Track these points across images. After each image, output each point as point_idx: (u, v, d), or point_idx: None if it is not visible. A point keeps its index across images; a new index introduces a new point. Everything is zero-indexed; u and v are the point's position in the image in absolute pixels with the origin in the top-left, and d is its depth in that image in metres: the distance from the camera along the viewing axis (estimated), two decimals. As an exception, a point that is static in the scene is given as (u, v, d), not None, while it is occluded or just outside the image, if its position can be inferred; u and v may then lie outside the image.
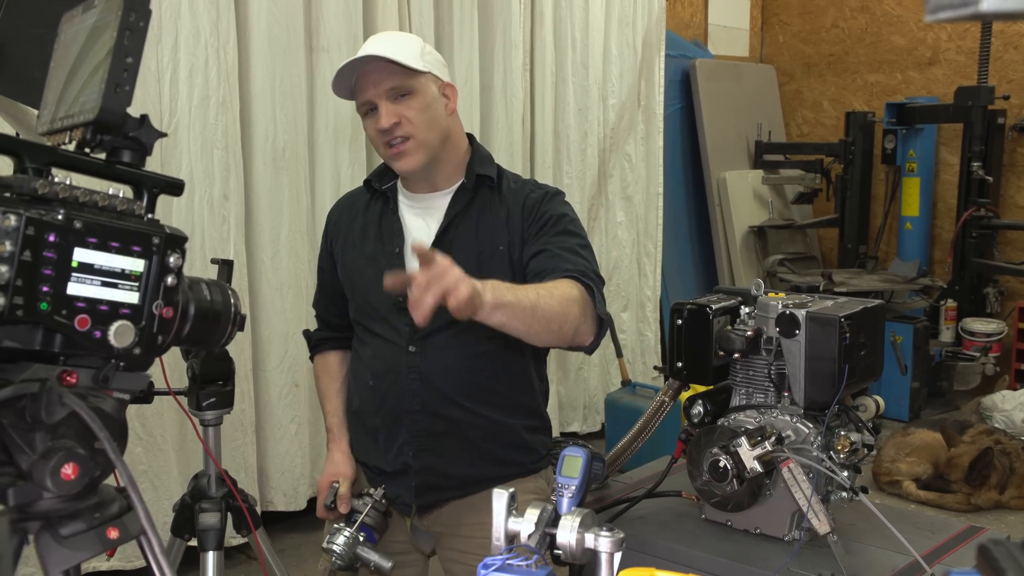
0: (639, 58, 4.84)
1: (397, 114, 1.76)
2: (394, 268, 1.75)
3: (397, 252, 1.83)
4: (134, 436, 2.98)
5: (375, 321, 1.85)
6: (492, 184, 1.86)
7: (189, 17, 3.02)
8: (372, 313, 1.85)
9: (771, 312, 1.78)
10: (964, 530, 1.88)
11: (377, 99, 1.76)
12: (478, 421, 1.81)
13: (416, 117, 1.77)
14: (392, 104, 1.76)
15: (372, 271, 1.84)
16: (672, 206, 5.34)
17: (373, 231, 1.88)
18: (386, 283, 1.40)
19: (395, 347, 1.82)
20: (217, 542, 1.65)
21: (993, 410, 4.56)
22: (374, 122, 1.78)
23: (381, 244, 1.86)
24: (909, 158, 5.44)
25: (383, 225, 1.88)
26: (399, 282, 1.40)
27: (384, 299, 1.81)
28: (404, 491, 1.85)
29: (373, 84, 1.76)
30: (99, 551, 0.87)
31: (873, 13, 6.00)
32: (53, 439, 0.83)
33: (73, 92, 0.94)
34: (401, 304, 1.78)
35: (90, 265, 0.86)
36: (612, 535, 1.10)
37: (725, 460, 1.72)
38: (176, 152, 3.05)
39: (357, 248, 1.89)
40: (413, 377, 1.80)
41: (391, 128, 1.76)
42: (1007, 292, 5.41)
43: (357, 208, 1.94)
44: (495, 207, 1.86)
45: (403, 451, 1.82)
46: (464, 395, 1.80)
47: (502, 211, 1.85)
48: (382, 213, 1.89)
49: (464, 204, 1.84)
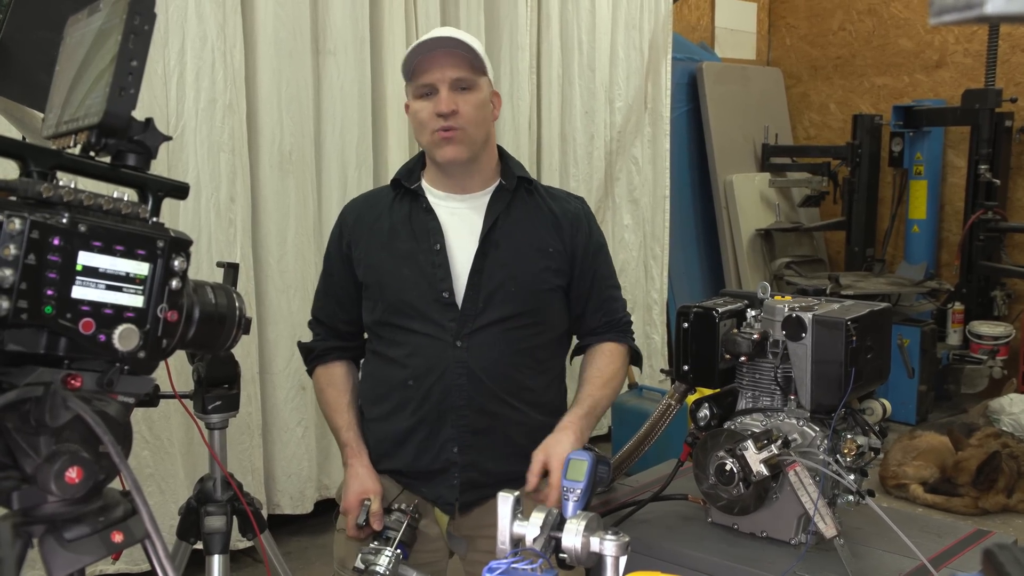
0: (646, 61, 4.83)
1: (456, 103, 1.80)
2: (437, 265, 1.83)
3: (438, 249, 1.84)
4: (140, 439, 2.98)
5: (413, 319, 1.83)
6: (529, 187, 1.93)
7: (196, 20, 3.03)
8: (409, 311, 1.84)
9: (777, 315, 1.78)
10: (971, 534, 1.87)
11: (440, 84, 1.80)
12: (517, 417, 1.86)
13: (471, 112, 1.82)
14: (453, 93, 1.80)
15: (409, 268, 1.84)
16: (679, 209, 5.33)
17: (404, 230, 1.87)
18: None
19: (440, 343, 1.82)
20: (223, 546, 1.65)
21: (1001, 413, 4.54)
22: (429, 105, 1.81)
23: (416, 242, 1.85)
24: (916, 161, 5.43)
25: (415, 223, 1.87)
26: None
27: (425, 295, 1.82)
28: (447, 490, 1.84)
29: (440, 68, 1.80)
30: (103, 555, 0.87)
31: (880, 16, 5.98)
32: (57, 443, 0.83)
33: (79, 96, 0.95)
34: (447, 299, 1.82)
35: (95, 269, 0.86)
36: (617, 539, 1.09)
37: (731, 463, 1.71)
38: (183, 155, 3.06)
39: (387, 247, 1.88)
40: (460, 372, 1.81)
41: (448, 114, 1.79)
42: (1015, 295, 5.39)
43: (380, 208, 1.92)
44: (538, 209, 1.93)
45: (446, 448, 1.82)
46: (507, 391, 1.85)
47: (545, 214, 1.93)
48: (411, 211, 1.89)
49: (505, 205, 1.89)
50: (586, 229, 1.95)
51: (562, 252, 1.90)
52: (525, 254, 1.87)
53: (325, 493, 3.56)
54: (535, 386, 1.89)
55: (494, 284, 1.83)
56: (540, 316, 1.89)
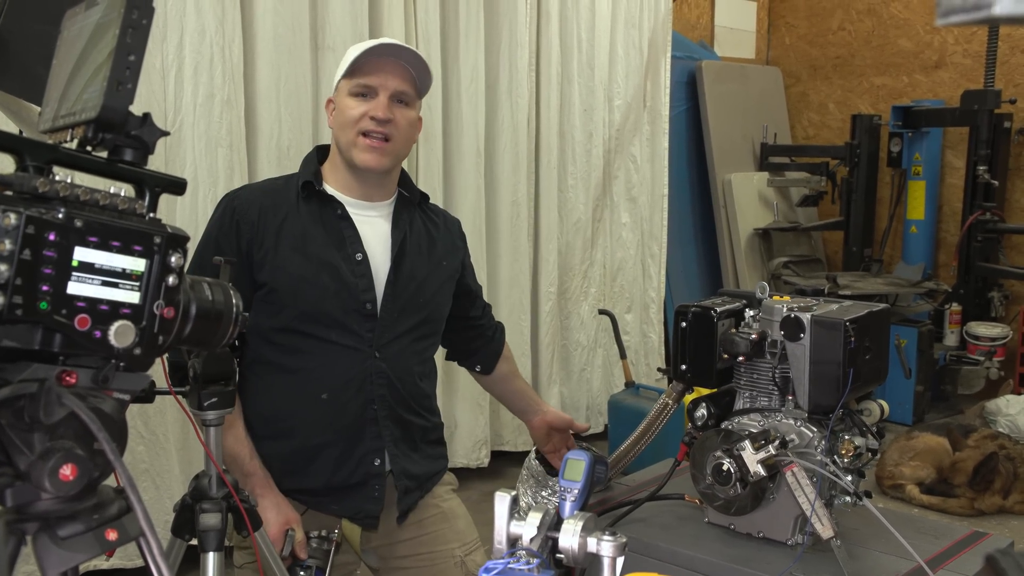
0: (645, 59, 4.83)
1: (393, 114, 1.79)
2: (359, 275, 1.81)
3: (360, 259, 1.82)
4: (136, 435, 2.98)
5: (328, 328, 1.78)
6: (424, 203, 2.00)
7: (195, 15, 3.02)
8: (325, 320, 1.78)
9: (776, 315, 1.77)
10: (968, 535, 1.87)
11: (382, 90, 1.78)
12: (422, 422, 1.91)
13: (404, 127, 1.82)
14: (391, 104, 1.79)
15: (329, 276, 1.78)
16: (677, 208, 5.33)
17: (318, 234, 1.81)
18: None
19: (358, 353, 1.79)
20: (218, 543, 1.64)
21: (997, 414, 4.55)
22: (363, 106, 1.79)
23: (335, 249, 1.80)
24: (915, 161, 5.43)
25: (330, 229, 1.82)
26: None
27: (346, 305, 1.78)
28: (367, 503, 1.81)
29: (387, 75, 1.79)
30: (97, 553, 0.86)
31: (880, 16, 5.98)
32: (52, 440, 0.83)
33: (76, 90, 0.94)
34: (368, 310, 1.80)
35: (91, 264, 0.85)
36: (614, 539, 1.09)
37: (728, 463, 1.71)
38: (180, 150, 3.05)
39: (300, 251, 1.79)
40: (381, 383, 1.80)
41: (384, 121, 1.78)
42: (1012, 296, 5.40)
43: (286, 207, 1.82)
44: (432, 223, 1.99)
45: (365, 461, 1.79)
46: (414, 399, 1.89)
47: (440, 229, 2.00)
48: (323, 216, 1.83)
49: (410, 218, 1.92)
50: (466, 246, 2.09)
51: (455, 264, 2.00)
52: (428, 266, 1.92)
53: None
54: (431, 393, 1.97)
55: (407, 295, 1.86)
56: (438, 326, 1.97)
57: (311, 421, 1.78)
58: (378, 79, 1.78)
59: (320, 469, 1.79)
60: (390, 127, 1.78)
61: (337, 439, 1.78)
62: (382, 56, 1.79)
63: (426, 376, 1.94)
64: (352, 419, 1.79)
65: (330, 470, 1.79)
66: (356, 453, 1.79)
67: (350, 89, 1.80)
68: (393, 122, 1.78)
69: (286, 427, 1.80)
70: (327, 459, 1.79)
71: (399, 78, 1.79)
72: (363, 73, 1.79)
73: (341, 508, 1.81)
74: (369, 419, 1.80)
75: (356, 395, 1.78)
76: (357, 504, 1.80)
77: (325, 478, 1.79)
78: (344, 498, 1.80)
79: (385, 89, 1.78)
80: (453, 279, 2.00)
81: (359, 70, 1.79)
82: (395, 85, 1.79)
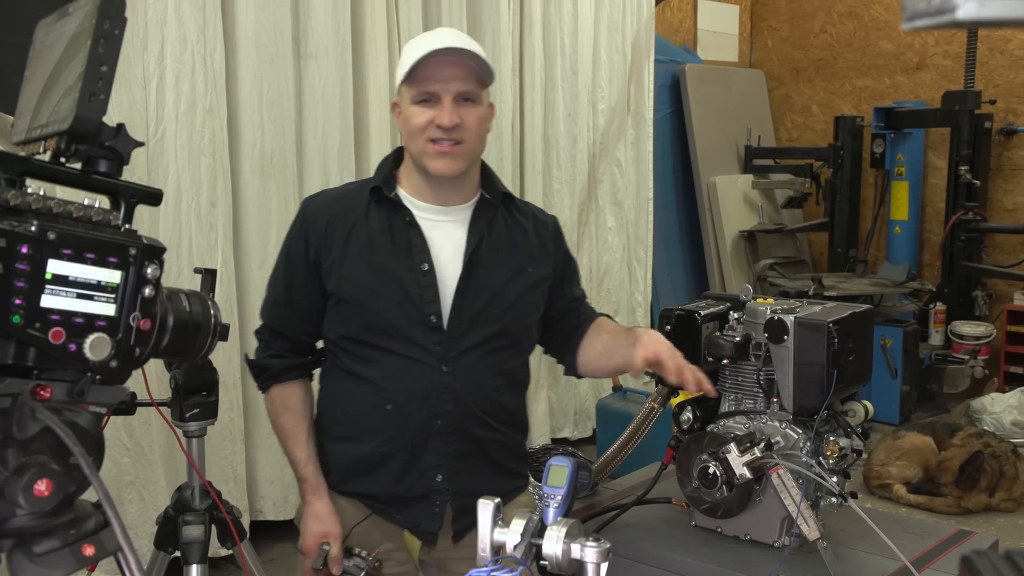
0: (628, 63, 4.84)
1: (459, 116, 1.70)
2: (424, 286, 1.73)
3: (426, 269, 1.73)
4: (121, 446, 2.96)
5: (393, 340, 1.72)
6: (510, 203, 1.86)
7: (176, 24, 3.01)
8: (389, 331, 1.72)
9: (760, 318, 1.78)
10: (953, 534, 1.88)
11: (444, 95, 1.69)
12: (499, 438, 1.79)
13: (474, 126, 1.72)
14: (456, 106, 1.70)
15: (392, 287, 1.72)
16: (662, 211, 5.34)
17: (384, 242, 1.75)
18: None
19: (423, 367, 1.72)
20: (201, 555, 1.63)
21: (983, 413, 4.57)
22: (428, 113, 1.69)
23: (400, 259, 1.74)
24: (898, 162, 5.46)
25: (397, 237, 1.75)
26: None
27: (410, 316, 1.71)
28: (428, 519, 1.76)
29: (447, 79, 1.69)
30: (74, 569, 0.86)
31: (861, 18, 6.02)
32: (26, 455, 0.82)
33: (49, 101, 0.93)
34: (434, 323, 1.72)
35: (64, 277, 0.84)
36: (598, 545, 1.09)
37: (714, 466, 1.71)
38: (163, 160, 3.03)
39: (366, 260, 1.74)
40: (447, 398, 1.72)
41: (451, 128, 1.69)
42: (995, 295, 5.43)
43: (355, 214, 1.77)
44: (518, 225, 1.85)
45: (427, 476, 1.74)
46: (490, 414, 1.77)
47: (525, 230, 1.86)
48: (391, 223, 1.76)
49: (488, 221, 1.81)
50: (563, 248, 1.93)
51: (546, 269, 1.86)
52: (509, 273, 1.80)
53: (308, 499, 3.53)
54: (513, 407, 1.84)
55: (478, 305, 1.76)
56: (519, 336, 1.83)
57: (377, 430, 1.74)
58: (439, 84, 1.69)
59: (384, 477, 1.75)
60: (458, 131, 1.70)
61: (400, 450, 1.73)
62: (439, 57, 1.69)
63: (507, 388, 1.81)
64: (415, 432, 1.73)
65: (393, 480, 1.75)
66: (418, 466, 1.74)
67: (412, 97, 1.72)
68: (461, 125, 1.69)
69: (355, 432, 1.77)
70: (391, 469, 1.75)
71: (460, 79, 1.70)
72: (423, 79, 1.70)
73: (403, 518, 1.78)
74: (433, 434, 1.73)
75: (420, 409, 1.72)
76: (417, 517, 1.75)
77: (388, 487, 1.75)
78: (405, 509, 1.76)
79: (448, 93, 1.69)
80: (542, 284, 1.85)
81: (418, 75, 1.69)
82: (457, 87, 1.69)
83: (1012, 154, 5.49)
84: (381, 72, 3.61)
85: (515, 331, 1.81)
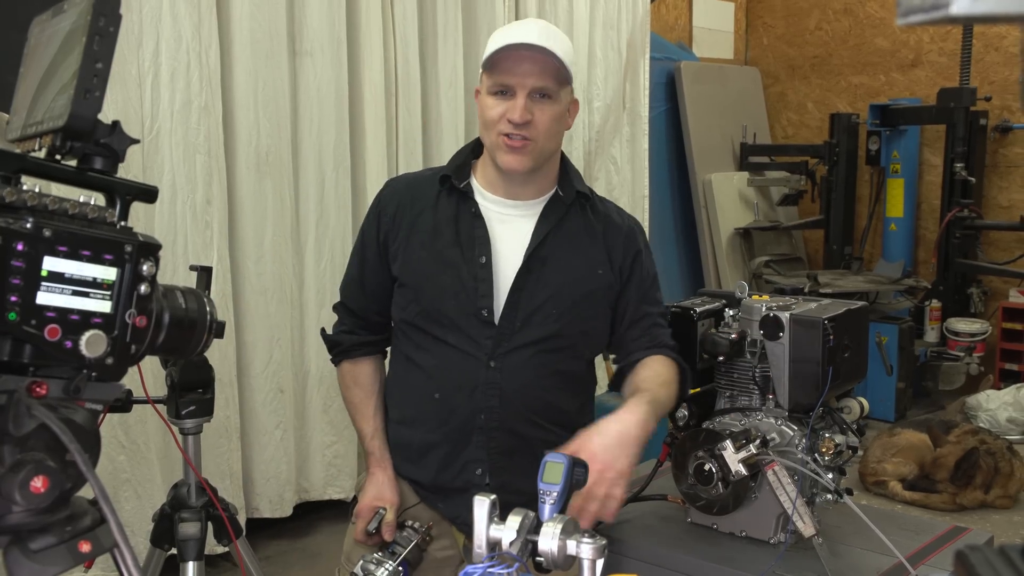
0: (624, 61, 4.84)
1: (531, 113, 1.68)
2: (480, 279, 1.72)
3: (483, 262, 1.73)
4: (117, 444, 2.95)
5: (446, 330, 1.73)
6: (586, 201, 1.83)
7: (171, 21, 3.00)
8: (444, 321, 1.73)
9: (755, 315, 1.78)
10: (948, 531, 1.88)
11: (519, 89, 1.68)
12: (548, 437, 1.74)
13: (546, 124, 1.70)
14: (530, 101, 1.68)
15: (448, 277, 1.73)
16: (658, 208, 5.34)
17: (448, 232, 1.75)
18: None
19: (472, 360, 1.72)
20: (197, 552, 1.63)
21: (978, 410, 4.58)
22: (501, 105, 1.68)
23: (460, 249, 1.74)
24: (893, 159, 5.47)
25: (461, 227, 1.75)
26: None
27: (461, 307, 1.72)
28: (465, 511, 1.72)
29: (524, 73, 1.67)
30: (70, 566, 0.86)
31: (856, 16, 6.02)
32: (22, 452, 0.82)
33: (45, 99, 0.93)
34: (485, 317, 1.72)
35: (60, 274, 0.84)
36: (594, 542, 1.09)
37: (710, 463, 1.71)
38: (158, 157, 3.03)
39: (428, 247, 1.75)
40: (492, 394, 1.71)
41: (521, 124, 1.67)
42: (991, 292, 5.44)
43: (424, 201, 1.78)
44: (591, 226, 1.82)
45: (468, 468, 1.74)
46: (539, 413, 1.75)
47: (597, 232, 1.82)
48: (458, 213, 1.76)
49: (558, 219, 1.79)
50: (638, 250, 1.85)
51: (611, 275, 1.80)
52: (571, 275, 1.76)
53: (304, 496, 3.53)
54: (568, 408, 1.79)
55: (534, 304, 1.73)
56: (578, 339, 1.78)
57: (426, 417, 1.76)
58: (516, 78, 1.67)
59: (429, 465, 1.76)
60: (529, 129, 1.68)
61: (445, 440, 1.74)
62: (520, 50, 1.68)
63: (561, 389, 1.78)
64: (459, 424, 1.73)
65: (436, 468, 1.76)
66: (461, 458, 1.74)
67: (489, 87, 1.71)
68: (532, 123, 1.68)
69: (408, 416, 1.79)
70: (435, 457, 1.76)
71: (537, 74, 1.67)
72: (501, 70, 1.68)
73: (446, 508, 1.78)
74: (476, 427, 1.72)
75: (467, 401, 1.72)
76: (456, 509, 1.75)
77: (432, 475, 1.76)
78: (447, 499, 1.77)
79: (523, 88, 1.67)
80: (607, 291, 1.80)
81: (497, 66, 1.69)
82: (533, 82, 1.67)
83: (1007, 151, 5.50)
84: (376, 69, 3.61)
85: (572, 334, 1.77)
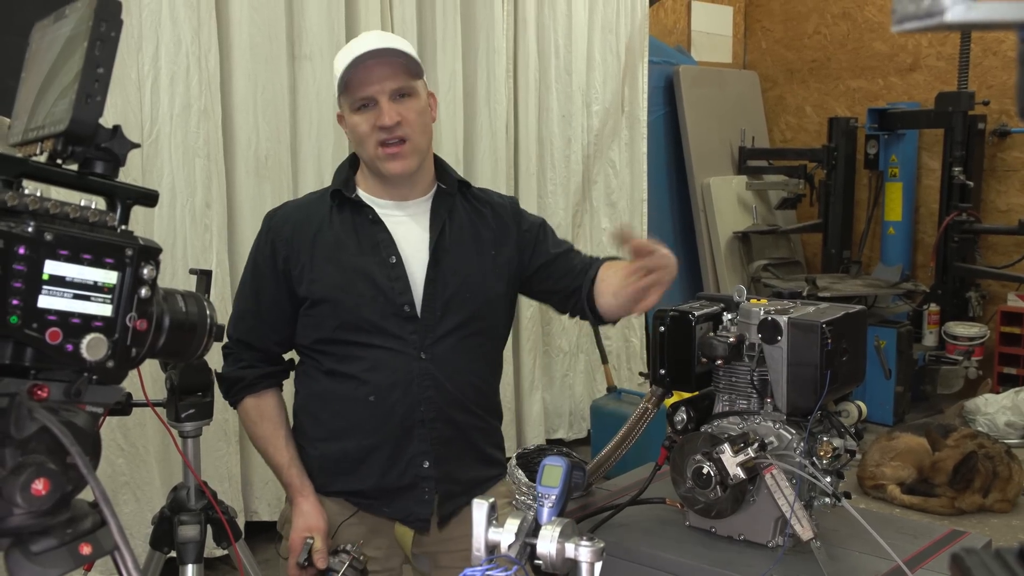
0: (622, 64, 4.84)
1: (398, 114, 1.74)
2: (394, 278, 1.79)
3: (394, 262, 1.79)
4: (116, 447, 2.95)
5: (371, 334, 1.78)
6: (466, 190, 1.93)
7: (170, 25, 3.00)
8: (365, 326, 1.78)
9: (753, 318, 1.78)
10: (946, 534, 1.88)
11: (379, 96, 1.74)
12: (479, 424, 1.86)
13: (415, 120, 1.77)
14: (393, 103, 1.74)
15: (364, 284, 1.78)
16: (656, 212, 5.34)
17: (351, 243, 1.81)
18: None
19: (403, 356, 1.77)
20: (196, 555, 1.63)
21: (976, 414, 4.59)
22: (369, 117, 1.75)
23: (367, 256, 1.80)
24: (891, 163, 5.48)
25: (362, 236, 1.81)
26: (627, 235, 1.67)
27: (384, 309, 1.77)
28: (418, 506, 1.80)
29: (378, 80, 1.73)
30: (71, 568, 0.86)
31: (855, 20, 6.03)
32: (24, 454, 0.82)
33: (46, 103, 0.93)
34: (408, 312, 1.78)
35: (61, 278, 0.85)
36: (592, 545, 1.09)
37: (708, 467, 1.71)
38: (158, 161, 3.03)
39: (334, 261, 1.80)
40: (427, 384, 1.77)
41: (392, 127, 1.73)
42: (989, 296, 5.45)
43: (318, 219, 1.83)
44: (477, 212, 1.91)
45: (414, 463, 1.78)
46: (470, 399, 1.84)
47: (485, 216, 1.92)
48: (356, 223, 1.83)
49: (448, 210, 1.87)
50: (525, 221, 1.96)
51: (510, 248, 1.90)
52: (473, 258, 1.86)
53: (303, 500, 3.53)
54: (489, 391, 1.91)
55: (449, 292, 1.82)
56: (491, 320, 1.89)
57: (360, 424, 1.78)
58: (373, 86, 1.73)
59: (370, 471, 1.79)
60: (402, 128, 1.74)
61: (385, 441, 1.77)
62: (365, 61, 1.74)
63: (485, 373, 1.88)
64: (399, 421, 1.77)
65: (379, 472, 1.78)
66: (405, 455, 1.78)
67: (351, 105, 1.77)
68: (403, 121, 1.74)
69: (337, 429, 1.80)
70: (376, 461, 1.78)
71: (391, 76, 1.74)
72: (355, 85, 1.74)
73: (392, 510, 1.81)
74: (417, 421, 1.77)
75: (403, 397, 1.76)
76: (407, 506, 1.79)
77: (375, 480, 1.79)
78: (394, 500, 1.80)
79: (383, 93, 1.73)
80: (508, 267, 1.90)
81: (351, 82, 1.75)
82: (391, 85, 1.74)
83: (1005, 155, 5.51)
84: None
85: (487, 315, 1.87)
